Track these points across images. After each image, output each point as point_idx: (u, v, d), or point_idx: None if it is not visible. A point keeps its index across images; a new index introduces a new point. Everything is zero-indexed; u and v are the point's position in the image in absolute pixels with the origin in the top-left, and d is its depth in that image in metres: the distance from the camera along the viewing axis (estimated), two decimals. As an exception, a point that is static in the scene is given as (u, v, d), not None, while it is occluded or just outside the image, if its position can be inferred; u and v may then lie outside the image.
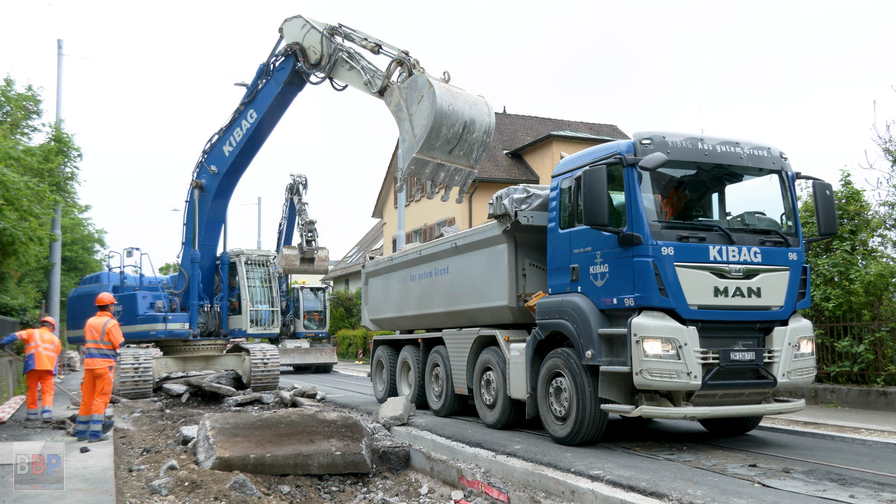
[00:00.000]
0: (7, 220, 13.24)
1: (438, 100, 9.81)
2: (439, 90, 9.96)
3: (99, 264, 36.58)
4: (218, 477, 7.45)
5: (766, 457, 7.41)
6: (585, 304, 7.98)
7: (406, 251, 13.08)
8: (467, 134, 10.37)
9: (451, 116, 10.06)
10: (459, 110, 10.15)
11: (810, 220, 11.77)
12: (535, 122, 35.77)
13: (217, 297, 17.11)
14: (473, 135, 10.45)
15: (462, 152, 10.49)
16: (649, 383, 7.19)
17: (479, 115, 10.44)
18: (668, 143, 7.70)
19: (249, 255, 17.91)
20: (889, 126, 12.80)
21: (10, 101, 19.24)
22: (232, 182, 15.81)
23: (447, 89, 10.25)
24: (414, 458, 8.98)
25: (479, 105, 10.55)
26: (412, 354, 12.39)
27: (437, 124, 9.90)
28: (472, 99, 10.52)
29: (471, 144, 10.49)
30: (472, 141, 10.45)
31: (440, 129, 9.98)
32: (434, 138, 10.03)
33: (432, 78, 10.20)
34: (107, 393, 9.90)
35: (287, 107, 14.47)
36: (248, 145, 14.85)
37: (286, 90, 13.83)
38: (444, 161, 10.42)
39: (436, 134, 10.01)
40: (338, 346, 33.79)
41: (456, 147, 10.34)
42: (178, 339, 16.21)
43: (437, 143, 10.13)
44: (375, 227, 46.30)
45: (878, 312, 11.86)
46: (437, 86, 10.00)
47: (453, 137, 10.24)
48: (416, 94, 10.22)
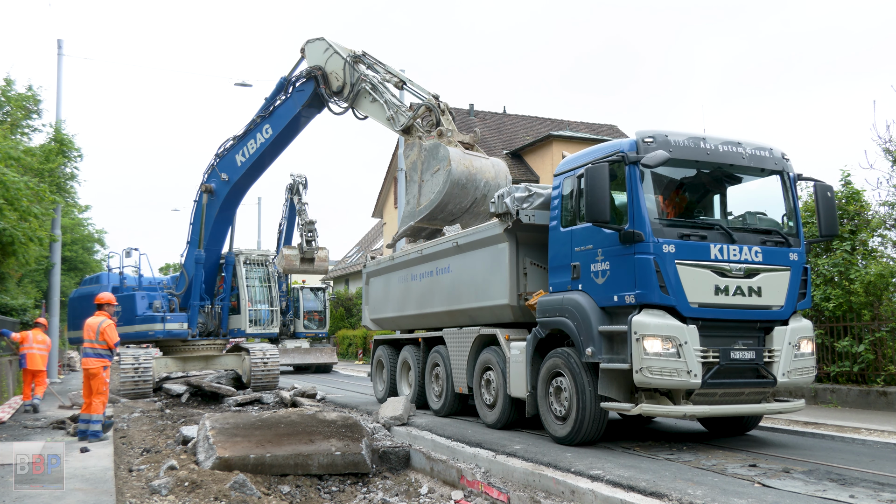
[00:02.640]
0: (7, 220, 13.23)
1: (454, 178, 9.56)
2: (457, 169, 9.64)
3: (99, 264, 36.54)
4: (218, 477, 7.44)
5: (766, 457, 7.41)
6: (586, 301, 7.98)
7: (407, 251, 13.06)
8: (476, 207, 10.22)
9: (461, 195, 9.80)
10: (473, 188, 9.88)
11: (811, 221, 11.77)
12: (535, 122, 35.78)
13: (218, 298, 17.11)
14: (482, 207, 10.28)
15: (468, 217, 10.30)
16: (649, 381, 7.19)
17: (493, 187, 10.20)
18: (670, 142, 7.70)
19: (248, 255, 17.89)
20: (889, 126, 12.81)
21: (10, 101, 19.21)
22: (242, 191, 15.85)
23: (467, 164, 9.88)
24: (414, 458, 8.97)
25: (499, 176, 10.26)
26: (412, 354, 12.38)
27: (444, 202, 9.76)
28: (491, 170, 10.20)
29: (480, 211, 10.28)
30: (481, 209, 10.25)
31: (447, 205, 9.82)
32: (438, 212, 9.92)
33: (456, 151, 9.81)
34: (102, 393, 9.84)
35: (304, 127, 14.44)
36: (260, 159, 14.83)
37: (305, 112, 13.72)
38: (443, 227, 10.25)
39: (441, 209, 9.90)
40: (338, 346, 33.78)
41: (460, 217, 10.21)
42: (176, 339, 16.24)
43: (440, 216, 10.00)
44: (375, 227, 46.29)
45: (878, 312, 11.85)
46: (456, 163, 9.66)
47: (459, 211, 10.10)
48: (434, 163, 9.94)
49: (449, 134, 10.20)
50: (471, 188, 9.95)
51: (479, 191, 10.03)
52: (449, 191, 9.67)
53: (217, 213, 15.76)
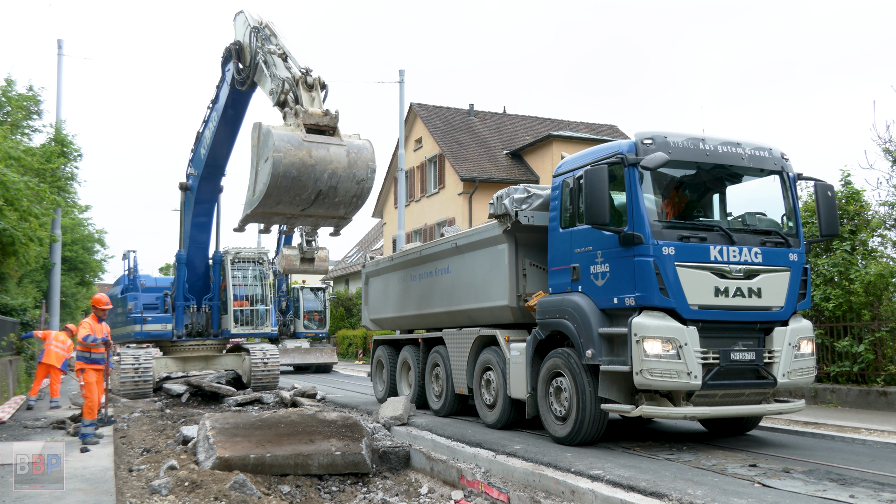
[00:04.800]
0: (7, 220, 13.22)
1: (279, 170, 8.73)
2: (285, 160, 8.76)
3: (99, 264, 36.57)
4: (218, 477, 7.45)
5: (766, 457, 7.41)
6: (586, 303, 7.98)
7: (406, 251, 13.08)
8: (325, 199, 9.28)
9: (296, 187, 8.95)
10: (312, 180, 8.99)
11: (810, 221, 11.78)
12: (535, 122, 35.79)
13: (206, 297, 16.78)
14: (336, 198, 9.33)
15: (324, 209, 9.45)
16: (649, 383, 7.19)
17: (345, 178, 9.19)
18: (669, 143, 7.70)
19: (236, 254, 17.54)
20: (889, 126, 12.81)
21: (10, 102, 19.21)
22: (212, 184, 15.19)
23: (301, 155, 8.88)
24: (414, 458, 8.97)
25: (355, 165, 9.25)
26: (412, 354, 12.38)
27: (274, 194, 8.93)
28: (342, 160, 9.20)
29: (334, 202, 9.38)
30: (335, 201, 9.36)
31: (280, 197, 8.99)
32: (272, 203, 9.05)
33: (290, 139, 8.91)
34: (86, 396, 9.68)
35: (244, 109, 13.52)
36: (214, 149, 14.21)
37: (236, 93, 12.78)
38: (298, 214, 9.43)
39: (275, 201, 9.03)
40: (338, 346, 33.79)
41: (314, 205, 9.29)
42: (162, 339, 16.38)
43: (280, 206, 9.15)
44: (375, 227, 46.30)
45: (878, 312, 11.85)
46: (284, 153, 8.76)
47: (303, 202, 9.23)
48: (265, 151, 9.01)
49: (300, 115, 9.30)
50: (308, 180, 9.00)
51: (324, 182, 9.08)
52: (274, 183, 8.79)
53: (194, 209, 15.36)
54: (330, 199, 9.37)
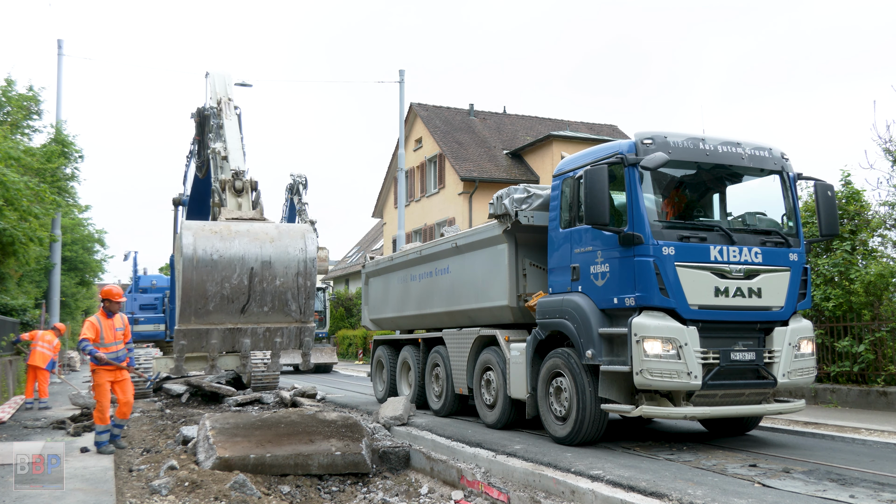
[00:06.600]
0: (7, 220, 13.24)
1: (195, 253, 7.73)
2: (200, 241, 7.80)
3: (99, 264, 36.58)
4: (218, 477, 7.44)
5: (766, 457, 7.41)
6: (586, 303, 7.98)
7: (406, 251, 13.08)
8: (262, 280, 7.98)
9: (219, 270, 7.83)
10: (239, 253, 7.93)
11: (811, 220, 11.78)
12: (535, 122, 35.80)
13: None
14: (277, 281, 8.03)
15: (268, 308, 8.09)
16: (649, 383, 7.19)
17: (278, 247, 8.05)
18: (669, 143, 7.70)
19: None
20: (889, 126, 12.82)
21: (10, 102, 19.21)
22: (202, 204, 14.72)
23: (223, 227, 8.01)
24: (414, 458, 8.97)
25: (290, 232, 8.22)
26: (412, 354, 12.38)
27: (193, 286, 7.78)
28: (271, 230, 8.27)
29: (278, 295, 8.05)
30: (276, 286, 8.03)
31: (204, 286, 7.79)
32: (200, 304, 7.80)
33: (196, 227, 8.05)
34: (95, 399, 9.08)
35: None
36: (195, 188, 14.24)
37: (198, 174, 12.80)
38: (239, 325, 8.11)
39: (200, 296, 7.78)
40: (338, 346, 33.79)
41: (250, 303, 7.96)
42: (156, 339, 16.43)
43: (211, 306, 7.86)
44: (375, 227, 46.30)
45: (878, 312, 11.86)
46: (194, 232, 7.87)
47: (235, 290, 7.91)
48: (179, 250, 8.02)
49: (222, 210, 8.90)
50: (234, 258, 7.94)
51: (253, 258, 8.04)
52: (186, 280, 7.80)
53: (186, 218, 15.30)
54: (269, 282, 8.03)
